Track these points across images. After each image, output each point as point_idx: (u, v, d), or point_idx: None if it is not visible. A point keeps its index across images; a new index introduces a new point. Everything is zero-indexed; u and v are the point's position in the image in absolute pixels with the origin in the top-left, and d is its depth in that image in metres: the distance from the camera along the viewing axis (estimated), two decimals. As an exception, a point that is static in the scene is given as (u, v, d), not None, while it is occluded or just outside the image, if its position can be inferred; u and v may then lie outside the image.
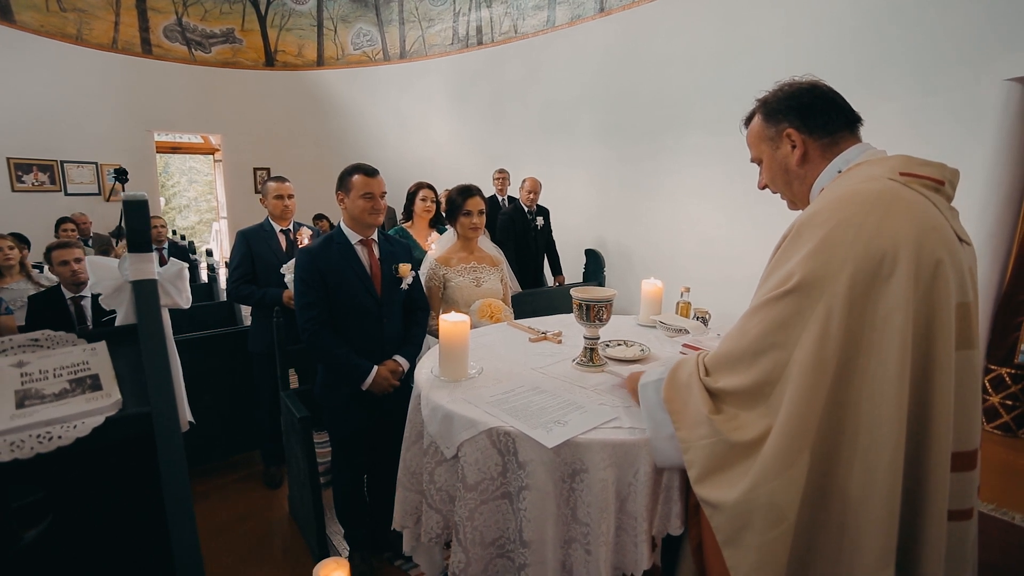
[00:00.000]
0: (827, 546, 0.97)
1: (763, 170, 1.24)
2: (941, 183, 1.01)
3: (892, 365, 0.91)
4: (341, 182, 2.09)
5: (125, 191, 6.54)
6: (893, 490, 0.92)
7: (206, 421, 2.85)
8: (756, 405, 1.03)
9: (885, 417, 0.92)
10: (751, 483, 0.98)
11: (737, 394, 1.06)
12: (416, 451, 1.53)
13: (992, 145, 3.31)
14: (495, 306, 2.34)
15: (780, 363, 0.99)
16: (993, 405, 3.47)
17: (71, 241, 3.17)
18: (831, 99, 1.13)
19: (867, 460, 0.93)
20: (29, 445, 0.88)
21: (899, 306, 0.91)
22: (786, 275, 1.00)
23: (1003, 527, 2.53)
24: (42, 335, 1.08)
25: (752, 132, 1.23)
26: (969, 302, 0.98)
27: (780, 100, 1.16)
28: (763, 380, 1.01)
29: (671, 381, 1.17)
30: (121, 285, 1.15)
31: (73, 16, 6.74)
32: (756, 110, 1.22)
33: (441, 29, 7.71)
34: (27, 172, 6.50)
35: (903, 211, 0.95)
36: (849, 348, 0.94)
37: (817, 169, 1.13)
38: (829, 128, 1.12)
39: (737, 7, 4.67)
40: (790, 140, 1.15)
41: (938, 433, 0.96)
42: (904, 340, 0.91)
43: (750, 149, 1.25)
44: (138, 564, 1.14)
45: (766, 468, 0.97)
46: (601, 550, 1.18)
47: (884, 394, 0.92)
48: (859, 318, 0.94)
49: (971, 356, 0.99)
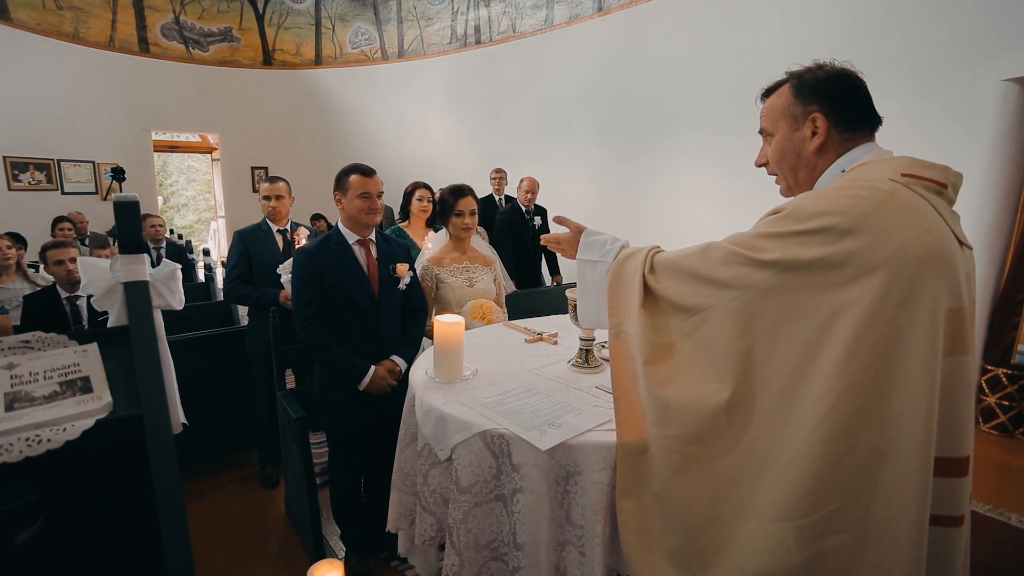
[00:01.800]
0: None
1: (771, 146, 1.17)
2: (944, 186, 1.00)
3: (923, 383, 0.91)
4: (338, 182, 2.09)
5: (123, 190, 6.53)
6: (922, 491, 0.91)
7: (202, 421, 2.85)
8: (692, 334, 1.10)
9: (917, 425, 0.91)
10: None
11: (672, 303, 1.13)
12: (410, 453, 1.53)
13: (990, 145, 3.31)
14: (487, 307, 2.33)
15: (720, 301, 1.05)
16: (990, 405, 3.48)
17: (67, 241, 3.16)
18: (865, 94, 1.08)
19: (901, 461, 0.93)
20: (18, 448, 0.87)
21: (872, 305, 0.90)
22: (765, 248, 1.00)
23: (999, 527, 2.53)
24: (33, 337, 1.07)
25: (774, 105, 1.15)
26: (963, 307, 0.96)
27: (818, 80, 1.09)
28: (696, 305, 1.09)
29: (617, 271, 1.26)
30: (113, 286, 1.15)
31: (70, 14, 6.72)
32: (786, 82, 1.14)
33: (439, 28, 7.70)
34: (23, 171, 6.48)
35: (896, 212, 0.94)
36: (893, 347, 0.93)
37: (828, 162, 1.10)
38: (854, 123, 1.08)
39: (736, 7, 4.67)
40: (813, 124, 1.09)
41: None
42: (932, 345, 0.90)
43: (763, 120, 1.18)
44: (130, 565, 1.14)
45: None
46: (596, 552, 1.18)
47: (917, 411, 0.91)
48: (829, 310, 0.93)
49: (964, 362, 0.97)
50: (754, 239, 1.03)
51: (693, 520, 1.06)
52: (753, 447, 1.00)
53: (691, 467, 1.06)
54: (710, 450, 1.04)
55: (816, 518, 0.93)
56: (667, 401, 1.09)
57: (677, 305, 1.13)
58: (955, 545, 1.03)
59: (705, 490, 1.04)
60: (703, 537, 1.04)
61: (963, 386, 0.98)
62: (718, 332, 1.05)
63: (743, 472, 1.01)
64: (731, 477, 1.02)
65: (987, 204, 3.36)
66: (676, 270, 1.16)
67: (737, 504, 1.01)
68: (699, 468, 1.05)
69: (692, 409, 1.06)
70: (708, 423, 1.04)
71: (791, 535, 0.94)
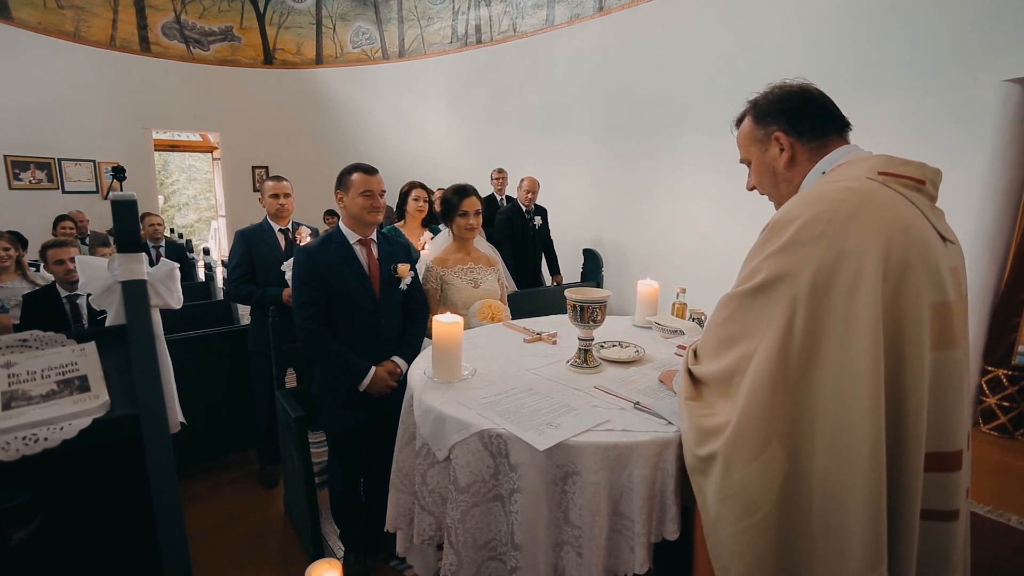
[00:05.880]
0: (811, 545, 0.97)
1: (752, 171, 1.25)
2: (922, 182, 1.02)
3: (863, 362, 0.92)
4: (340, 181, 2.08)
5: (123, 189, 6.53)
6: (876, 489, 0.92)
7: (202, 420, 2.86)
8: (727, 394, 1.06)
9: (860, 415, 0.92)
10: (722, 470, 1.00)
11: (713, 381, 1.11)
12: (409, 452, 1.52)
13: (990, 145, 3.30)
14: (495, 307, 2.32)
15: (746, 355, 1.02)
16: (990, 406, 3.47)
17: (66, 240, 3.16)
18: (820, 103, 1.14)
19: (842, 457, 0.93)
20: (15, 447, 0.87)
21: (867, 303, 0.92)
22: (754, 270, 1.03)
23: (999, 529, 2.53)
24: (31, 335, 1.07)
25: (742, 134, 1.24)
26: (949, 301, 0.97)
27: (770, 103, 1.17)
28: (732, 369, 1.05)
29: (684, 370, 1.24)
30: (111, 285, 1.15)
31: (71, 13, 6.72)
32: (747, 112, 1.23)
33: (440, 28, 7.69)
34: (24, 170, 6.48)
35: (874, 209, 0.95)
36: (814, 344, 0.95)
37: (804, 172, 1.15)
38: (817, 132, 1.13)
39: (736, 7, 4.66)
40: (778, 143, 1.16)
41: (910, 434, 0.96)
42: (875, 337, 0.92)
43: (740, 150, 1.27)
44: (127, 565, 1.14)
45: (731, 455, 0.99)
46: (593, 553, 1.17)
47: (857, 391, 0.92)
48: (824, 314, 0.95)
49: (951, 356, 0.98)
50: (750, 269, 1.07)
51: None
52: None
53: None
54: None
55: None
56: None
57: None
58: (950, 539, 1.03)
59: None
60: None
61: (952, 381, 0.98)
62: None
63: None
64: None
65: (987, 204, 3.35)
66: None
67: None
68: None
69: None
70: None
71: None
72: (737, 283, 1.08)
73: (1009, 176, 3.33)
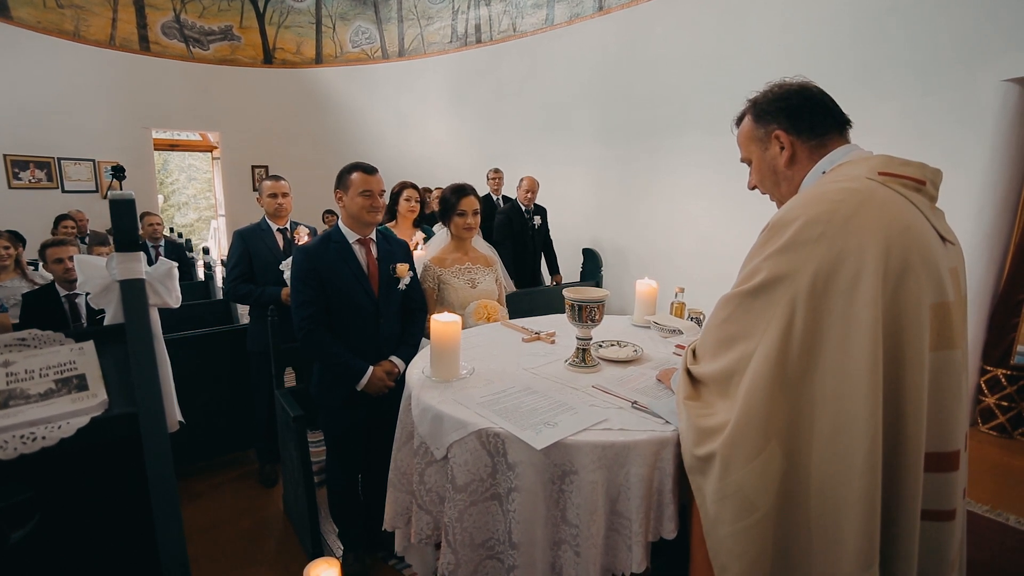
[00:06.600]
0: (808, 545, 0.97)
1: (753, 170, 1.25)
2: (922, 183, 1.02)
3: (862, 362, 0.92)
4: (340, 180, 2.08)
5: (123, 188, 6.53)
6: (871, 490, 0.92)
7: (201, 419, 2.86)
8: (726, 394, 1.06)
9: (858, 415, 0.92)
10: (721, 470, 1.00)
11: (712, 381, 1.11)
12: (406, 451, 1.53)
13: (990, 145, 3.30)
14: (491, 307, 2.32)
15: (745, 355, 1.02)
16: (989, 406, 3.48)
17: (65, 239, 3.16)
18: (820, 101, 1.14)
19: (840, 458, 0.93)
20: (12, 446, 0.87)
21: (867, 304, 0.92)
22: (753, 270, 1.03)
23: (997, 528, 2.53)
24: (29, 334, 1.07)
25: (742, 133, 1.24)
26: (948, 301, 0.97)
27: (770, 101, 1.17)
28: (730, 369, 1.05)
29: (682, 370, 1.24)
30: (109, 284, 1.15)
31: (70, 12, 6.72)
32: (746, 111, 1.23)
33: (440, 27, 7.69)
34: (24, 169, 6.48)
35: (874, 210, 0.95)
36: (814, 344, 0.95)
37: (804, 170, 1.15)
38: (817, 130, 1.13)
39: (735, 7, 4.66)
40: (778, 141, 1.16)
41: (909, 435, 0.96)
42: (874, 338, 0.92)
43: (740, 149, 1.27)
44: (125, 563, 1.14)
45: (730, 455, 0.99)
46: (591, 552, 1.18)
47: (855, 392, 0.92)
48: (824, 315, 0.95)
49: (950, 356, 0.98)
50: (750, 270, 1.06)
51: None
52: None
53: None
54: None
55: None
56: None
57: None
58: (947, 539, 1.04)
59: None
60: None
61: (951, 381, 0.99)
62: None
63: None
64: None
65: (987, 204, 3.35)
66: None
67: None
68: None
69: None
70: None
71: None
72: (737, 283, 1.07)
73: (1008, 176, 3.33)
